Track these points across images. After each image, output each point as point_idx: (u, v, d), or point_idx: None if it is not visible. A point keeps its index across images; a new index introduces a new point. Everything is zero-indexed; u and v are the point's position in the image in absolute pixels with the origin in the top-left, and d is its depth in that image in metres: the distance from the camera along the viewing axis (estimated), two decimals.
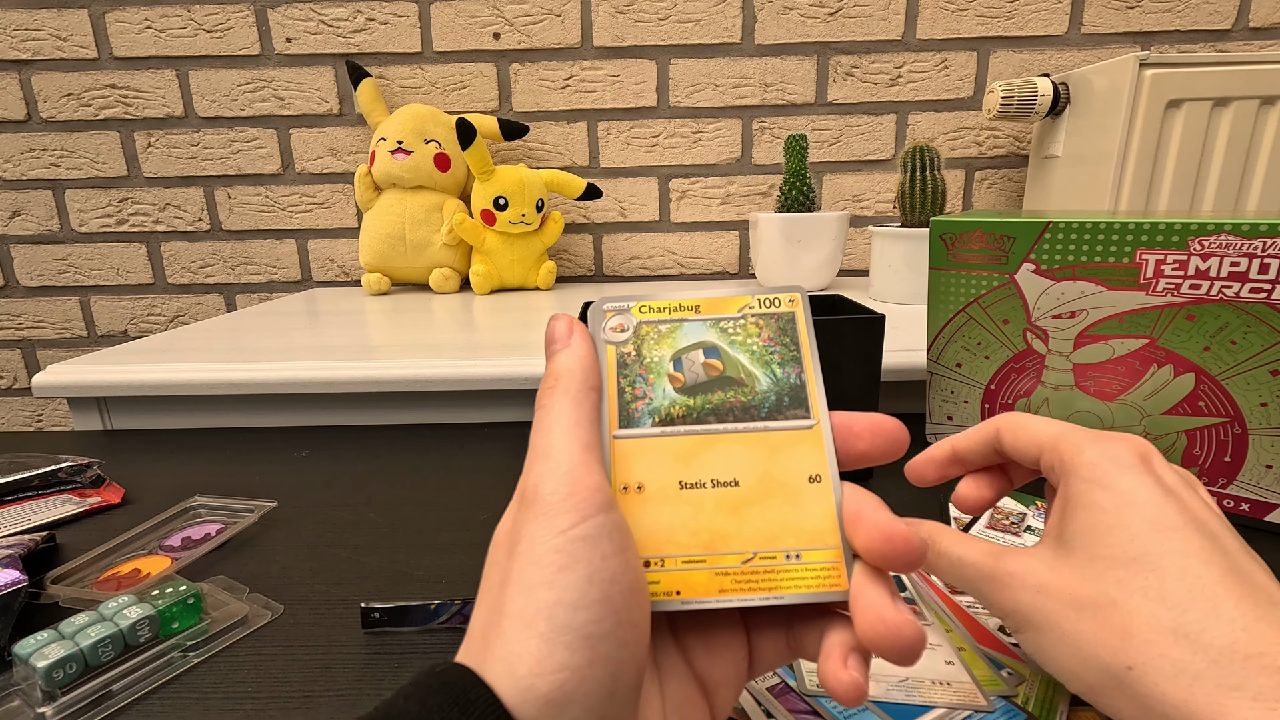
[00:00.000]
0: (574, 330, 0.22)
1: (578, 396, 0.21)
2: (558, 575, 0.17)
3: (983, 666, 0.28)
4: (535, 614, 0.17)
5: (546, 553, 0.17)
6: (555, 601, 0.17)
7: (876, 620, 0.18)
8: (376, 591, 0.37)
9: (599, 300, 0.24)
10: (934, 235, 0.45)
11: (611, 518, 0.18)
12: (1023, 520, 0.41)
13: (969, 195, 1.14)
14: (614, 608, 0.17)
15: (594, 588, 0.17)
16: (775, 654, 0.22)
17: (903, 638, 0.18)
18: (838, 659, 0.19)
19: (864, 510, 0.20)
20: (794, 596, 0.20)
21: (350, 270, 1.21)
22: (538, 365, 0.64)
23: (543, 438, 0.20)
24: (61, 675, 0.29)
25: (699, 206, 1.16)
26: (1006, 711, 0.26)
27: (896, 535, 0.19)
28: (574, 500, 0.18)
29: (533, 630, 0.16)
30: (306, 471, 0.54)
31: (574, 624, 0.17)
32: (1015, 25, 1.06)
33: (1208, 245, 0.36)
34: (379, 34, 1.09)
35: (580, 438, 0.20)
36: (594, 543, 0.18)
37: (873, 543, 0.19)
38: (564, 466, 0.19)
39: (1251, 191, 0.82)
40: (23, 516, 0.45)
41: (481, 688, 0.16)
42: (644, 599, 0.19)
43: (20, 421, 1.28)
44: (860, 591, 0.19)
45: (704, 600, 0.20)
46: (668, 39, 1.08)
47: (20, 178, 1.16)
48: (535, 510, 0.18)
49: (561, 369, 0.21)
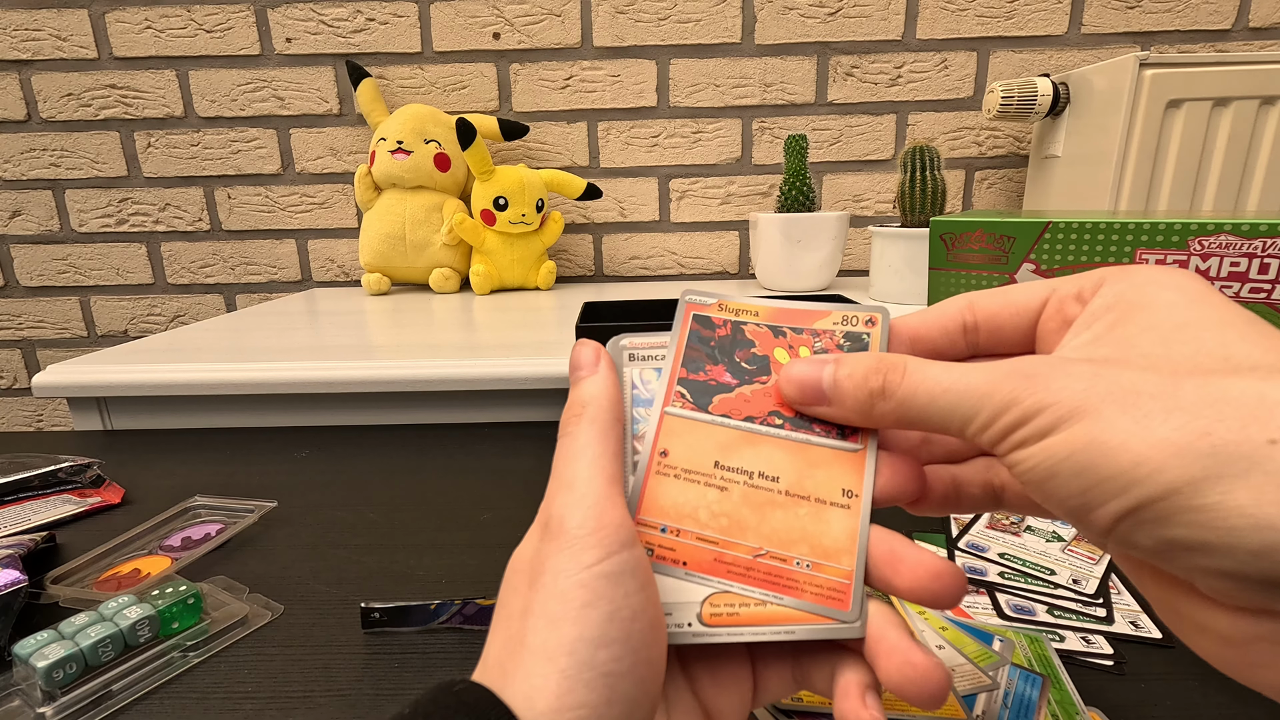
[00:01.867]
0: (600, 357, 0.22)
1: (604, 428, 0.20)
2: (581, 611, 0.17)
3: (971, 643, 0.28)
4: (557, 649, 0.17)
5: (571, 587, 0.17)
6: (578, 637, 0.17)
7: (904, 664, 0.18)
8: (376, 591, 0.37)
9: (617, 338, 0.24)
10: (934, 235, 0.45)
11: (635, 554, 0.18)
12: (1023, 520, 0.41)
13: (969, 195, 1.14)
14: (633, 646, 0.17)
15: (615, 626, 0.17)
16: (780, 685, 0.22)
17: (932, 681, 0.18)
18: (856, 698, 0.19)
19: (900, 550, 0.19)
20: (806, 631, 0.20)
21: (350, 270, 1.21)
22: (538, 365, 0.64)
23: (568, 466, 0.20)
24: (61, 675, 0.29)
25: (699, 206, 1.16)
26: (1025, 679, 0.26)
27: (945, 573, 0.19)
28: (599, 535, 0.18)
29: (554, 665, 0.16)
30: (306, 471, 0.54)
31: (595, 662, 0.17)
32: (1015, 25, 1.06)
33: (1208, 245, 0.36)
34: (379, 34, 1.09)
35: (605, 470, 0.19)
36: (617, 580, 0.18)
37: (919, 582, 0.19)
38: (589, 499, 0.19)
39: (1251, 191, 0.82)
40: (23, 516, 0.45)
41: (501, 709, 0.16)
42: (660, 638, 0.19)
43: (20, 421, 1.28)
44: (882, 634, 0.19)
45: (716, 633, 0.20)
46: (668, 39, 1.08)
47: (20, 178, 1.16)
48: (560, 542, 0.18)
49: (588, 397, 0.21)
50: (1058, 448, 0.16)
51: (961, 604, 0.33)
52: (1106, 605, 0.33)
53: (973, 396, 0.17)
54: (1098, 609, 0.33)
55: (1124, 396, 0.15)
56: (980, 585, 0.35)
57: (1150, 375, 0.15)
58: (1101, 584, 0.35)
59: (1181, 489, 0.14)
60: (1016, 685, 0.26)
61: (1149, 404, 0.15)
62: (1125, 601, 0.34)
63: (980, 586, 0.35)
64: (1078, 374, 0.16)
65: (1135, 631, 0.32)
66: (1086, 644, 0.31)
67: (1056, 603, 0.34)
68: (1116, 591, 0.35)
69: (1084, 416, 0.15)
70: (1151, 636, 0.31)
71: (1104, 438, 0.15)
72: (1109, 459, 0.15)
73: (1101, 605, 0.33)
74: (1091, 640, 0.31)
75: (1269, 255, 0.35)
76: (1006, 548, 0.38)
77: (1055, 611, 0.33)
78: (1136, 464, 0.14)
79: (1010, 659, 0.27)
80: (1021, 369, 0.17)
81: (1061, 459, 0.16)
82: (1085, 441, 0.15)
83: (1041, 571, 0.36)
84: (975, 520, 0.41)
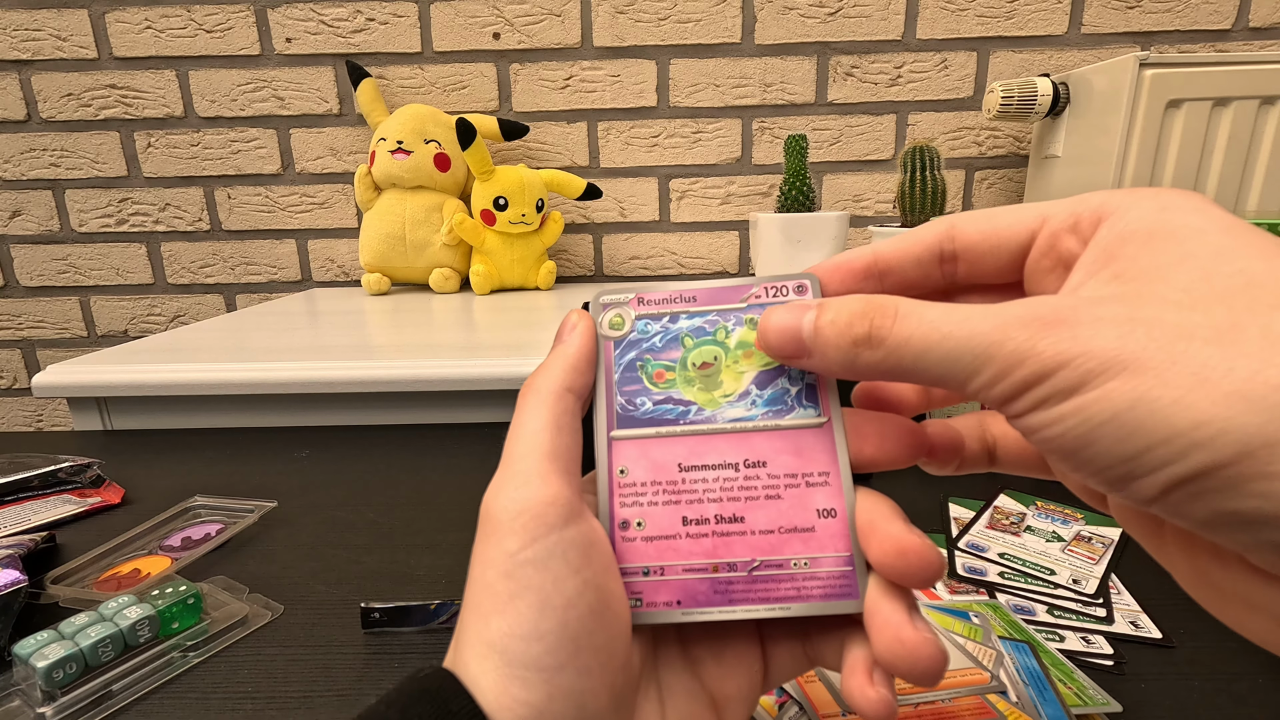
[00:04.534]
0: (577, 326, 0.21)
1: (548, 397, 0.19)
2: (508, 604, 0.16)
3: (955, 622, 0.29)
4: (488, 647, 0.16)
5: (496, 578, 0.16)
6: (506, 633, 0.16)
7: (894, 640, 0.17)
8: (376, 591, 0.37)
9: (597, 294, 0.23)
10: None
11: (566, 535, 0.17)
12: (1022, 520, 0.41)
13: (969, 195, 1.14)
14: (570, 635, 0.16)
15: (546, 616, 0.16)
16: (792, 664, 0.20)
17: (921, 658, 0.16)
18: (863, 676, 0.17)
19: (876, 520, 0.18)
20: (803, 608, 0.19)
21: (350, 270, 1.21)
22: (537, 365, 0.64)
23: (508, 444, 0.19)
24: (61, 675, 0.29)
25: (699, 206, 1.16)
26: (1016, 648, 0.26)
27: (910, 549, 0.17)
28: (524, 519, 0.17)
29: (488, 664, 0.16)
30: (306, 471, 0.54)
31: (527, 658, 0.16)
32: (1015, 25, 1.06)
33: None
34: (379, 34, 1.09)
35: (543, 444, 0.18)
36: (544, 565, 0.16)
37: (885, 556, 0.17)
38: (519, 478, 0.18)
39: (1251, 191, 0.82)
40: (23, 516, 0.45)
41: (464, 697, 0.16)
42: (611, 620, 0.17)
43: (20, 421, 1.28)
44: (876, 608, 0.17)
45: (707, 611, 0.19)
46: (668, 39, 1.08)
47: (20, 178, 1.16)
48: (486, 529, 0.17)
49: (543, 366, 0.20)
50: (1094, 409, 0.13)
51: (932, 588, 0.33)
52: (1106, 605, 0.33)
53: (978, 345, 0.14)
54: (1098, 609, 0.33)
55: (1173, 342, 0.13)
56: (980, 585, 0.35)
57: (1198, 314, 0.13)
58: (1101, 584, 0.35)
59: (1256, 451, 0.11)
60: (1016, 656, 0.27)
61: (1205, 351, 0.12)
62: (1125, 601, 0.34)
63: (980, 586, 0.35)
64: (1110, 317, 0.13)
65: (1135, 631, 0.32)
66: (1086, 644, 0.31)
67: (1056, 603, 0.34)
68: (1116, 591, 0.35)
69: (1124, 369, 0.13)
70: (1151, 636, 0.31)
71: (1155, 394, 0.12)
72: (1162, 419, 0.12)
73: (1101, 605, 0.33)
74: (1091, 640, 0.31)
75: None
76: (1006, 548, 0.38)
77: (1055, 611, 0.33)
78: (1197, 424, 0.12)
79: (993, 630, 0.28)
80: (1038, 313, 0.14)
81: (1101, 422, 0.13)
82: (1131, 400, 0.12)
83: (1041, 571, 0.36)
84: (975, 520, 0.41)
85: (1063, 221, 0.17)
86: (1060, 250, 0.17)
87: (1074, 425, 0.13)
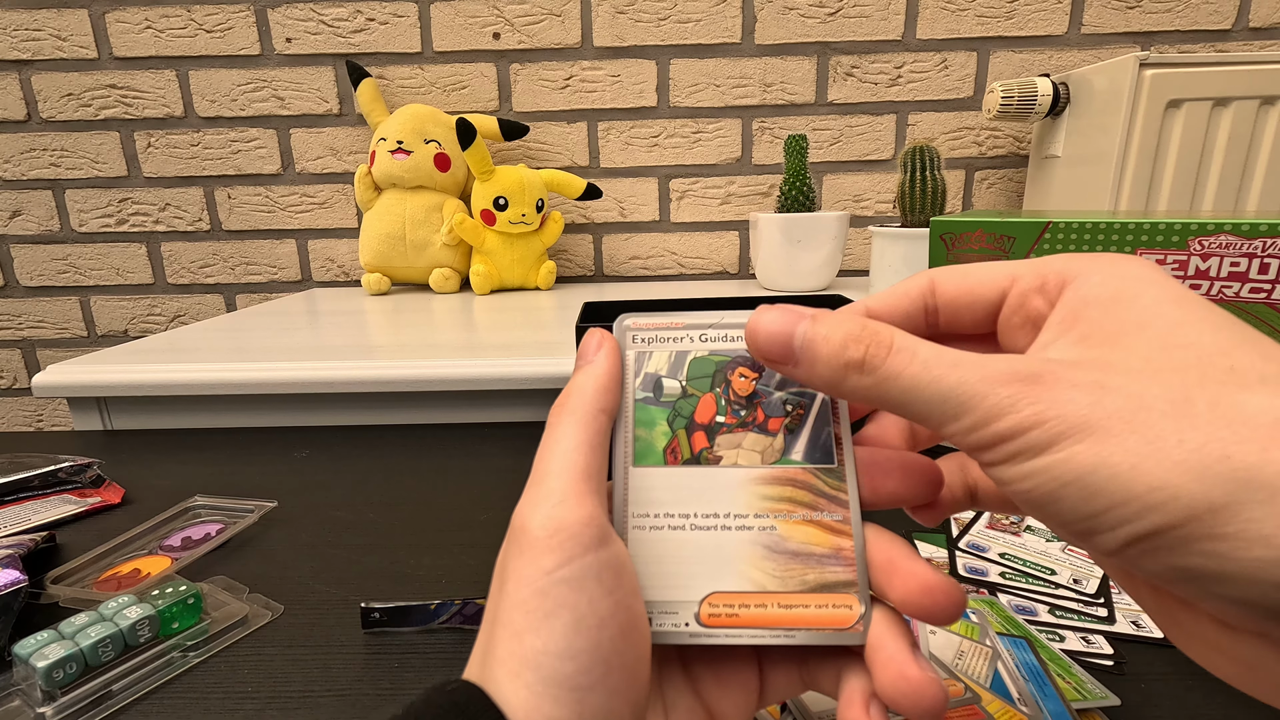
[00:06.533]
0: (602, 346, 0.21)
1: (584, 417, 0.19)
2: (543, 622, 0.16)
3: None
4: (521, 664, 0.16)
5: (531, 596, 0.17)
6: (541, 650, 0.16)
7: (897, 676, 0.17)
8: (376, 591, 0.37)
9: (622, 317, 0.22)
10: (934, 235, 0.45)
11: (600, 556, 0.17)
12: (1022, 520, 0.41)
13: (969, 195, 1.14)
14: (603, 655, 0.16)
15: (580, 636, 0.16)
16: (787, 686, 0.21)
17: (925, 697, 0.17)
18: (860, 707, 0.18)
19: (897, 559, 0.19)
20: (806, 636, 0.19)
21: (350, 270, 1.21)
22: (538, 365, 0.64)
23: (541, 461, 0.19)
24: (61, 675, 0.29)
25: (699, 206, 1.16)
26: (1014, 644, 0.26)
27: (937, 588, 0.18)
28: (560, 538, 0.17)
29: (520, 681, 0.16)
30: (306, 471, 0.54)
31: (560, 676, 0.16)
32: (1015, 25, 1.06)
33: (1208, 245, 0.36)
34: (379, 34, 1.09)
35: (578, 464, 0.18)
36: (580, 585, 0.17)
37: (910, 595, 0.18)
38: (555, 496, 0.18)
39: (1251, 191, 0.82)
40: (23, 516, 0.45)
41: (494, 712, 0.16)
42: (638, 641, 0.18)
43: (20, 421, 1.28)
44: (880, 643, 0.18)
45: (713, 634, 0.19)
46: (668, 39, 1.08)
47: (20, 178, 1.16)
48: (521, 546, 0.17)
49: (574, 387, 0.20)
50: (1061, 469, 0.14)
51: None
52: (1107, 605, 0.33)
53: (964, 393, 0.15)
54: (1098, 609, 0.33)
55: (1134, 411, 0.14)
56: (981, 585, 0.35)
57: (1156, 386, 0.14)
58: (1102, 584, 0.35)
59: (1201, 516, 0.13)
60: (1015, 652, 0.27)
61: (1161, 422, 0.14)
62: (1126, 601, 0.34)
63: (981, 586, 0.35)
64: (1082, 384, 0.15)
65: (1136, 631, 0.32)
66: (1087, 644, 0.31)
67: (1057, 603, 0.34)
68: (1117, 591, 0.35)
69: (1090, 434, 0.14)
70: (1152, 636, 0.31)
71: (1115, 459, 0.14)
72: (1121, 483, 0.14)
73: (1102, 605, 0.33)
74: (1092, 640, 0.31)
75: (1269, 255, 0.35)
76: (1007, 548, 0.38)
77: (1056, 611, 0.33)
78: (1152, 489, 0.13)
79: (991, 627, 0.28)
80: (1020, 371, 0.15)
81: (1066, 481, 0.14)
82: (1094, 463, 0.14)
83: (1042, 571, 0.36)
84: (975, 520, 0.41)
85: (1030, 283, 0.18)
86: (1029, 309, 0.18)
87: (1043, 481, 0.15)
